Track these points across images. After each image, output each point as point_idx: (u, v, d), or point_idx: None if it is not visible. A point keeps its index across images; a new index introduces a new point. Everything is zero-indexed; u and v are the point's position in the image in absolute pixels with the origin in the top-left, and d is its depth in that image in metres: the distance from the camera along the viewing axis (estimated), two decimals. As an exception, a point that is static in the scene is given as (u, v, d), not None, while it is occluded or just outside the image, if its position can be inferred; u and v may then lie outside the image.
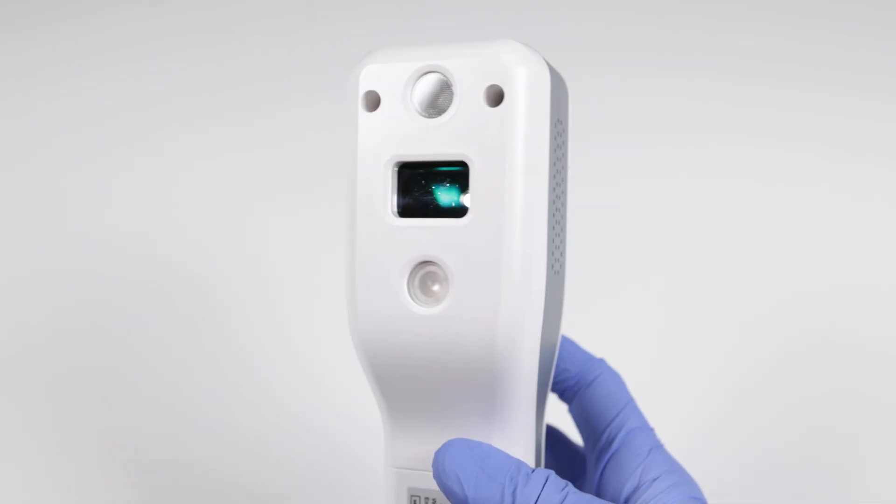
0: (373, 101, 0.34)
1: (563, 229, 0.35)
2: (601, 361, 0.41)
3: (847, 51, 0.67)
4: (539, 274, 0.33)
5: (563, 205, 0.35)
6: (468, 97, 0.32)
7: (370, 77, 0.34)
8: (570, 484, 0.33)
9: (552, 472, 0.33)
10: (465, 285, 0.32)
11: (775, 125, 0.68)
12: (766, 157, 0.68)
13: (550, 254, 0.33)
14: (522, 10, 0.66)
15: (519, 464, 0.33)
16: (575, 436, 0.43)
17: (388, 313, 0.34)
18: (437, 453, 0.33)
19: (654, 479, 0.36)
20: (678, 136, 0.68)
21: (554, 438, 0.44)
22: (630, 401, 0.40)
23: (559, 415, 0.43)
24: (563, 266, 0.35)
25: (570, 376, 0.41)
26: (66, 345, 0.64)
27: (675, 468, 0.37)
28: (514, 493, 0.32)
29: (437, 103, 0.33)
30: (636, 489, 0.36)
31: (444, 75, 0.33)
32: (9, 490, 0.62)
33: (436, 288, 0.33)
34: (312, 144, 0.65)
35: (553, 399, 0.40)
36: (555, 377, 0.41)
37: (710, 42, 0.68)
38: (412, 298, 0.34)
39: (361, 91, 0.34)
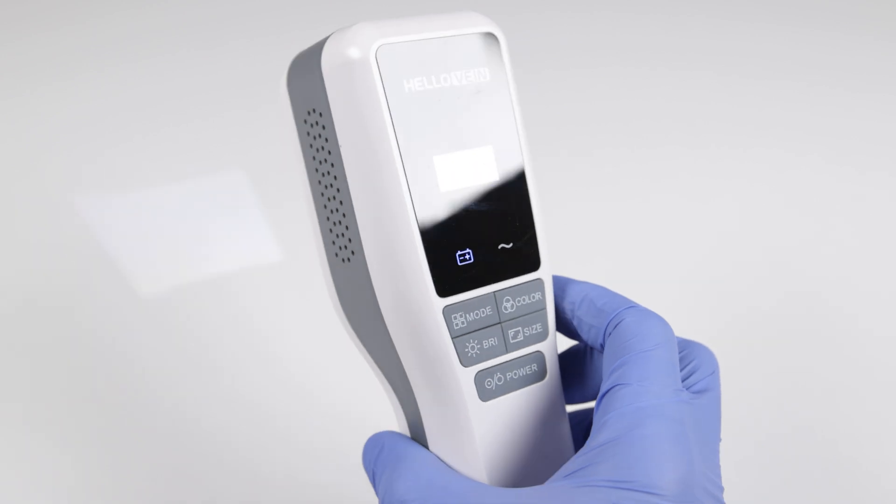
0: None
1: (351, 218, 0.32)
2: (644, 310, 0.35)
3: (846, 50, 0.67)
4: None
5: (343, 191, 0.33)
6: None
7: None
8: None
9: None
10: None
11: (774, 125, 0.68)
12: (765, 156, 0.68)
13: (330, 243, 0.34)
14: (523, 11, 0.66)
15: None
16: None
17: None
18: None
19: (648, 349, 0.30)
20: (677, 135, 0.68)
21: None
22: (634, 306, 0.33)
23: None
24: (356, 253, 0.33)
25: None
26: (64, 343, 0.64)
27: (682, 341, 0.31)
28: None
29: None
30: (621, 367, 0.30)
31: None
32: None
33: None
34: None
35: None
36: (596, 332, 0.36)
37: (710, 42, 0.68)
38: None
39: None
